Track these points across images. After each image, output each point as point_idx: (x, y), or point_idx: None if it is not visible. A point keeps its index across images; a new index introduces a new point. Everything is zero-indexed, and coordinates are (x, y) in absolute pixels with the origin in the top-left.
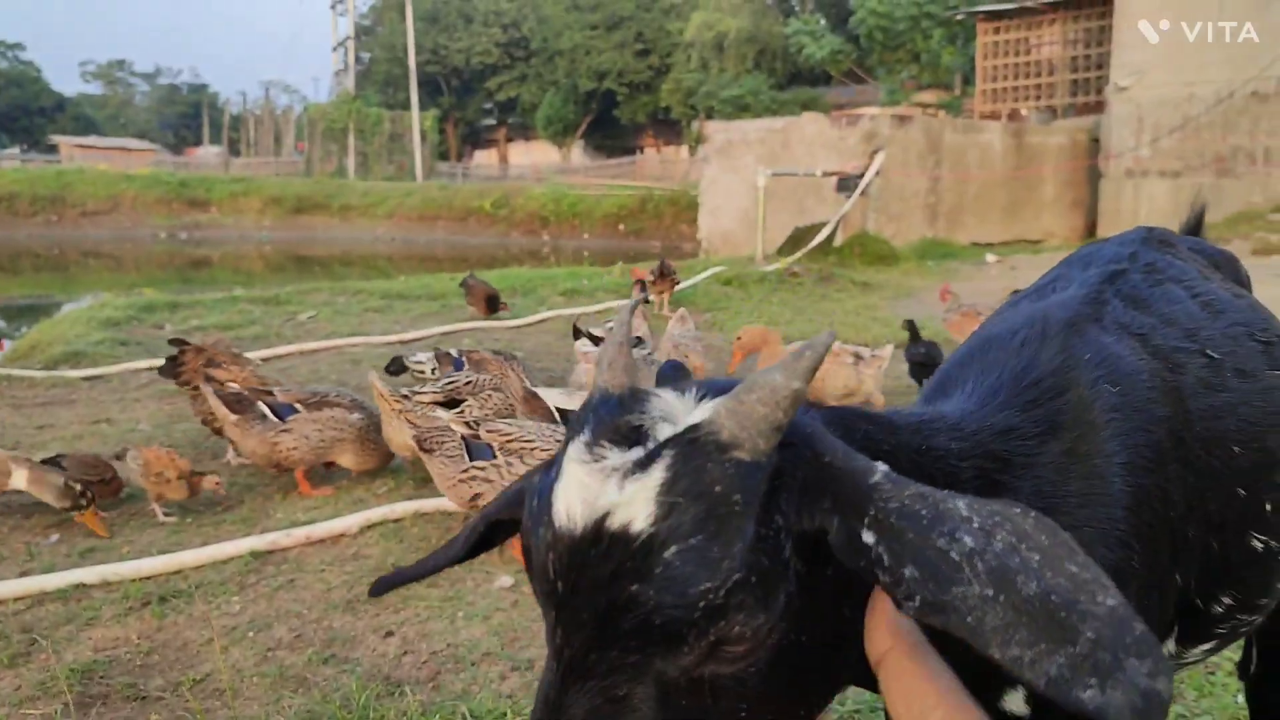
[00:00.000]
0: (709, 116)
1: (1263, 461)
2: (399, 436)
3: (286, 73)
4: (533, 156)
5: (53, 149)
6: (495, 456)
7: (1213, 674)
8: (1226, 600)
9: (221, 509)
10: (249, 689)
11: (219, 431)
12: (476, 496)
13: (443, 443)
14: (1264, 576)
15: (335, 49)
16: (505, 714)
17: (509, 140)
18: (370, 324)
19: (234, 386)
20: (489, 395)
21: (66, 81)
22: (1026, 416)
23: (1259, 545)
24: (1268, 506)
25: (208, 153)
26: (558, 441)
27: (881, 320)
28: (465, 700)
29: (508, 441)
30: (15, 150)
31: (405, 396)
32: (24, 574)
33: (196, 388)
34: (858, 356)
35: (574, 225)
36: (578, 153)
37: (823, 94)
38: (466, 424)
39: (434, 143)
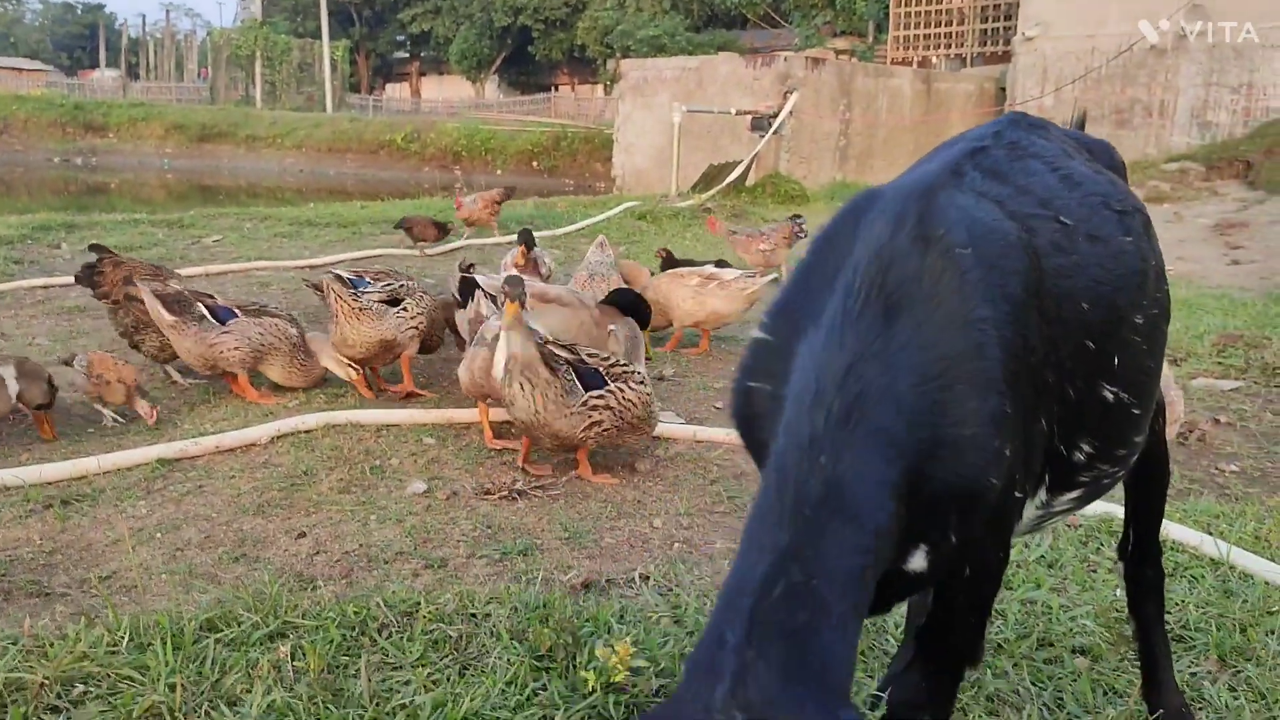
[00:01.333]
0: (625, 56)
1: (1111, 318)
2: (355, 335)
3: None
4: (445, 91)
5: None
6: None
7: (1094, 571)
8: (1086, 448)
9: (127, 420)
10: (157, 586)
11: (137, 346)
12: (593, 425)
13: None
14: (1119, 427)
15: None
16: (419, 604)
17: (421, 74)
18: (279, 249)
19: (173, 288)
20: (421, 297)
21: None
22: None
23: (1110, 396)
24: (1116, 360)
25: (104, 76)
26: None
27: (793, 256)
28: (379, 593)
29: (610, 366)
30: None
31: (356, 294)
32: None
33: (116, 301)
34: (711, 279)
35: (487, 161)
36: (491, 89)
37: (738, 37)
38: (558, 346)
39: (344, 74)
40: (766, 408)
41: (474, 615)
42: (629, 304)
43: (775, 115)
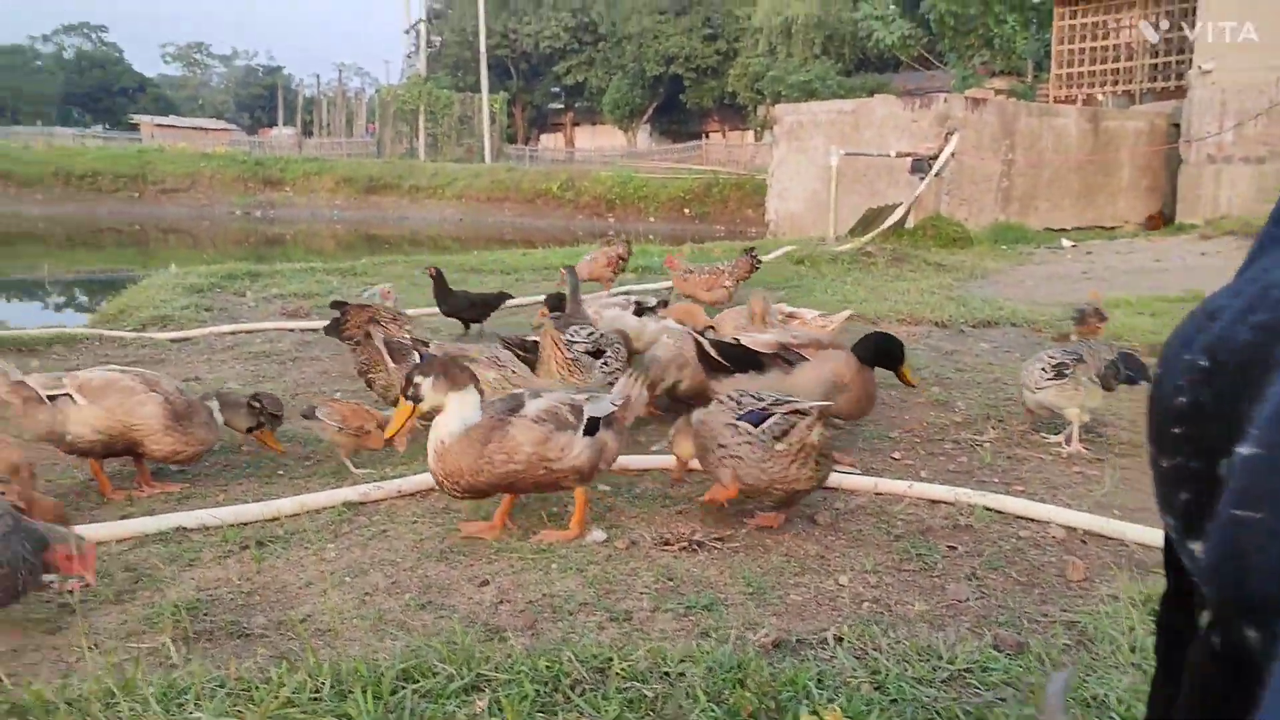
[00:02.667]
0: (776, 102)
1: None
2: (547, 379)
3: (359, 56)
4: (598, 140)
5: (134, 128)
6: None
7: None
8: None
9: (311, 463)
10: (350, 630)
11: (370, 383)
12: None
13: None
14: None
15: (407, 32)
16: (611, 659)
17: (575, 124)
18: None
19: (402, 338)
20: (620, 349)
21: (147, 63)
22: None
23: None
24: None
25: (282, 134)
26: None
27: (957, 299)
28: (568, 647)
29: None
30: (98, 129)
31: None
32: (124, 518)
33: (358, 341)
34: (792, 317)
35: (639, 208)
36: (643, 137)
37: (890, 80)
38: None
39: (502, 125)
40: None
41: (667, 674)
42: (879, 349)
43: (936, 157)
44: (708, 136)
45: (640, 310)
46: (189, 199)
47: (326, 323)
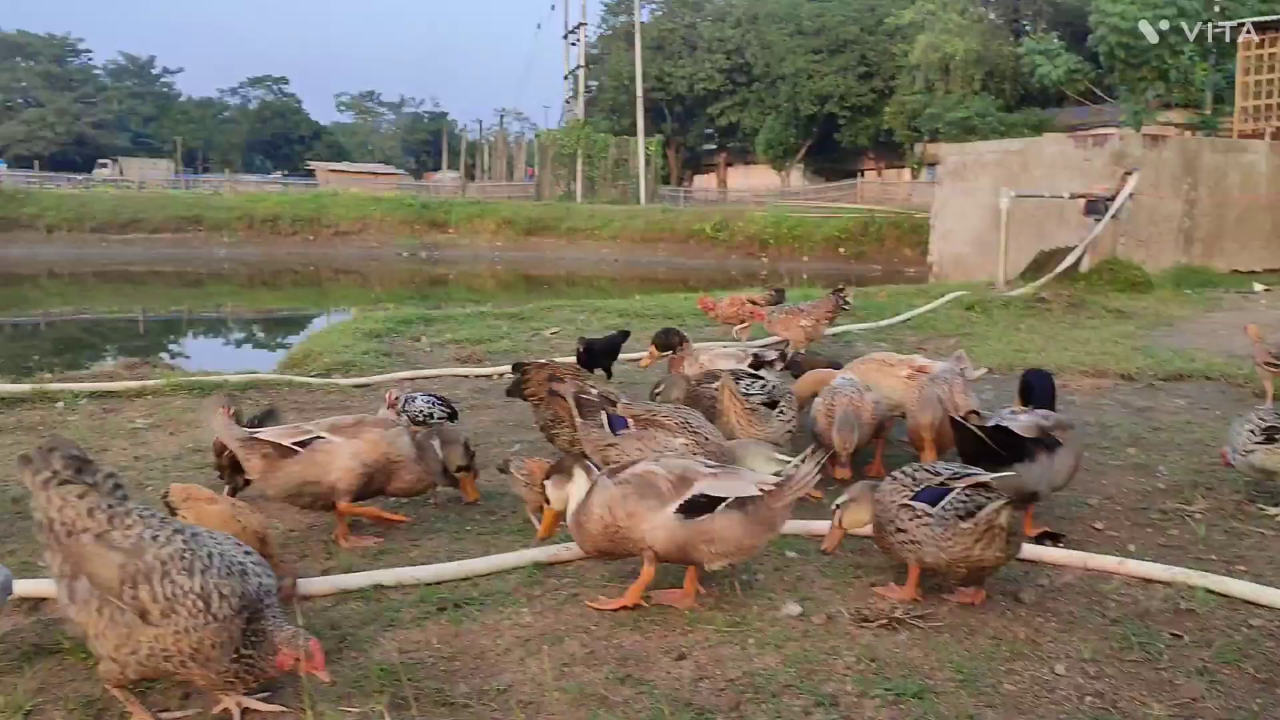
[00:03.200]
0: (933, 139)
1: None
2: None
3: (519, 101)
4: (752, 180)
5: (310, 173)
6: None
7: None
8: None
9: (497, 519)
10: (551, 704)
11: (553, 439)
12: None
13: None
14: None
15: (566, 78)
16: None
17: (729, 164)
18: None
19: (589, 392)
20: (792, 399)
21: (323, 112)
22: None
23: None
24: None
25: (445, 177)
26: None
27: (1143, 350)
28: None
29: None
30: (278, 175)
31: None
32: (325, 572)
33: (540, 398)
34: (922, 370)
35: (794, 248)
36: (797, 176)
37: (1054, 115)
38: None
39: (657, 167)
40: None
41: None
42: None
43: (1112, 198)
44: (862, 174)
45: (758, 364)
46: (360, 241)
47: (502, 368)
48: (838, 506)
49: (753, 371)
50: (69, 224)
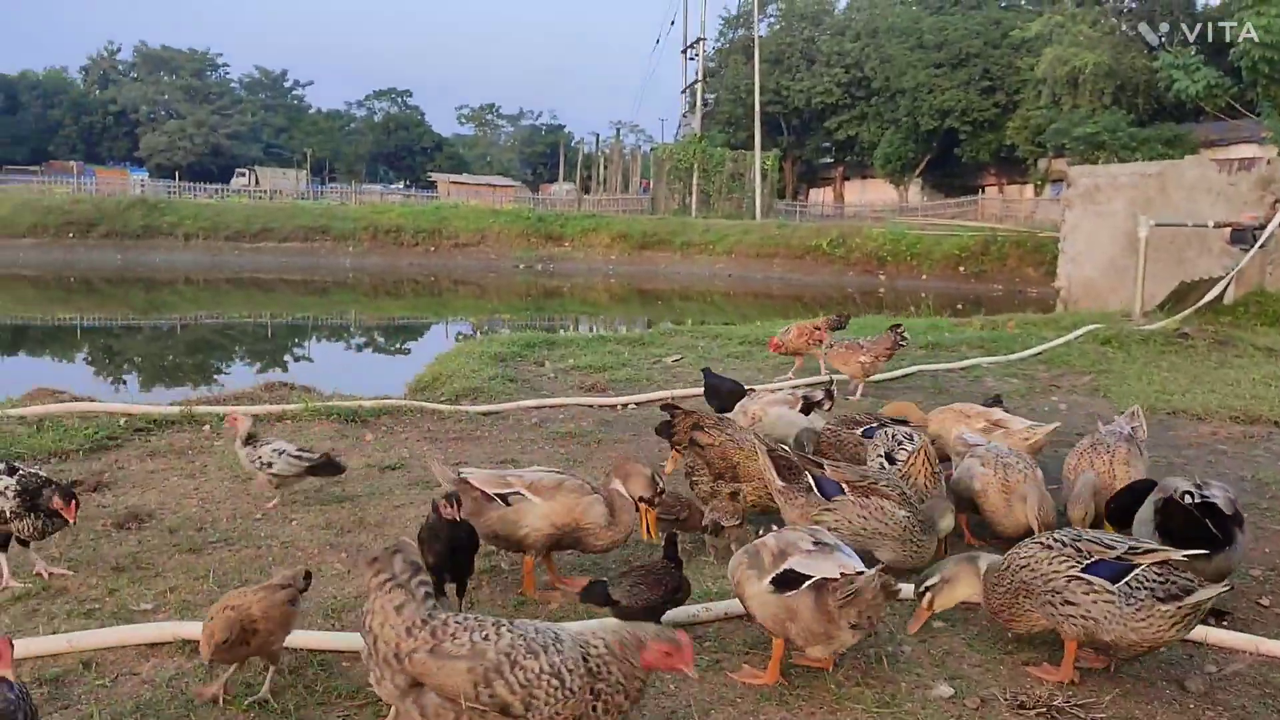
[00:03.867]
0: (1059, 155)
1: None
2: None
3: (636, 115)
4: (869, 195)
5: (431, 185)
6: None
7: None
8: None
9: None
10: None
11: (693, 485)
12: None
13: None
14: None
15: (683, 92)
16: None
17: (845, 178)
18: (732, 370)
19: (783, 450)
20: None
21: (444, 124)
22: None
23: None
24: None
25: (560, 189)
26: None
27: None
28: None
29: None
30: (400, 186)
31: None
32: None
33: (684, 445)
34: (998, 425)
35: (912, 266)
36: (915, 191)
37: (1189, 130)
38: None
39: (773, 182)
40: None
41: None
42: None
43: (1262, 226)
44: (983, 191)
45: (808, 406)
46: (478, 253)
47: (624, 398)
48: (927, 589)
49: (896, 423)
50: (205, 232)
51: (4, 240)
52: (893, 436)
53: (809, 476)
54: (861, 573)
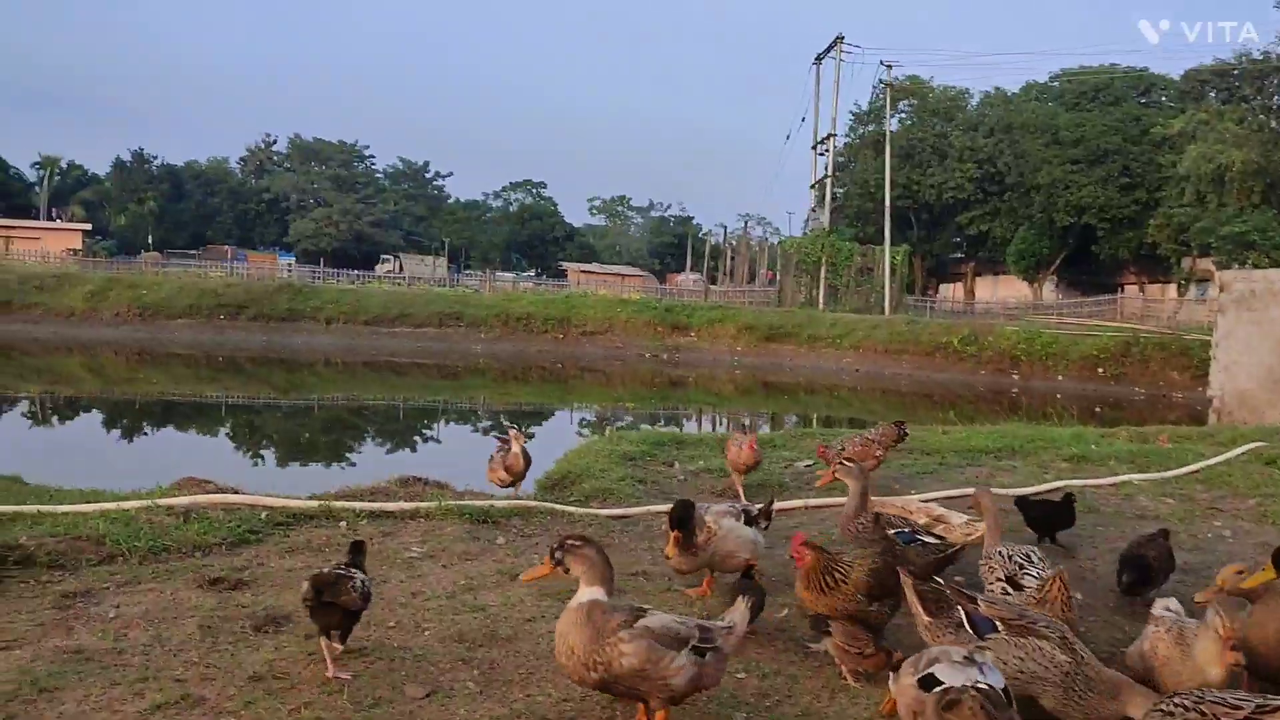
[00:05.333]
0: (1204, 254)
1: None
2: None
3: (763, 207)
4: (1000, 291)
5: (562, 273)
6: None
7: None
8: None
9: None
10: None
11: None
12: None
13: None
14: None
15: (812, 186)
16: None
17: (977, 274)
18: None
19: (938, 583)
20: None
21: (576, 214)
22: None
23: None
24: None
25: (686, 278)
26: None
27: None
28: None
29: None
30: (531, 273)
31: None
32: None
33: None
34: (939, 520)
35: (1047, 366)
36: (1049, 289)
37: None
38: None
39: (903, 277)
40: None
41: None
42: None
43: None
44: (1123, 290)
45: (750, 520)
46: (605, 341)
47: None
48: None
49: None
50: (345, 316)
51: (162, 321)
52: (1011, 558)
53: (960, 611)
54: (974, 687)
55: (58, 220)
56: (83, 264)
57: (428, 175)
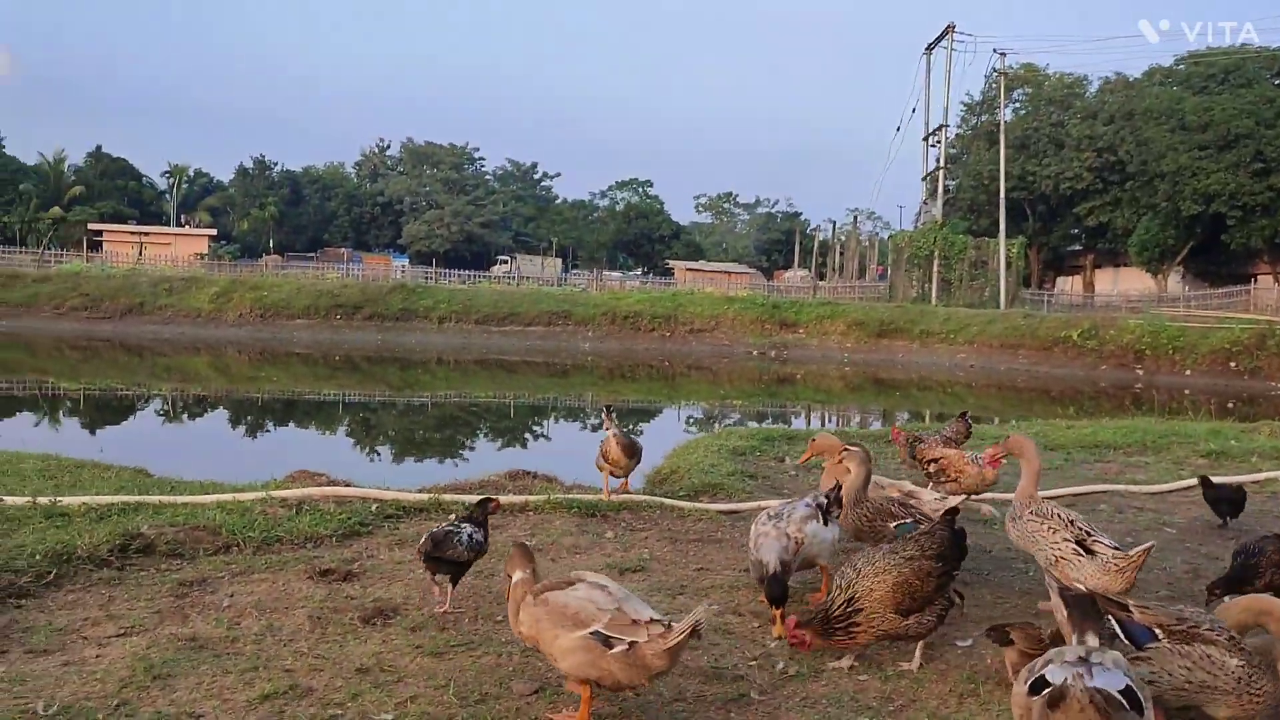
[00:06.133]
0: None
1: None
2: None
3: (872, 201)
4: (1121, 284)
5: (668, 271)
6: None
7: None
8: None
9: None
10: None
11: None
12: None
13: None
14: None
15: (923, 179)
16: None
17: (1096, 266)
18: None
19: (1078, 587)
20: None
21: (682, 211)
22: None
23: None
24: None
25: (794, 275)
26: None
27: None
28: None
29: None
30: (638, 272)
31: None
32: None
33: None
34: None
35: (1174, 360)
36: (1174, 280)
37: None
38: None
39: (1019, 270)
40: None
41: None
42: None
43: None
44: (1255, 280)
45: (825, 513)
46: (712, 339)
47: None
48: None
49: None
50: (457, 316)
51: (282, 321)
52: (1072, 521)
53: (1113, 621)
54: (1081, 688)
55: (186, 226)
56: (208, 267)
57: (536, 176)
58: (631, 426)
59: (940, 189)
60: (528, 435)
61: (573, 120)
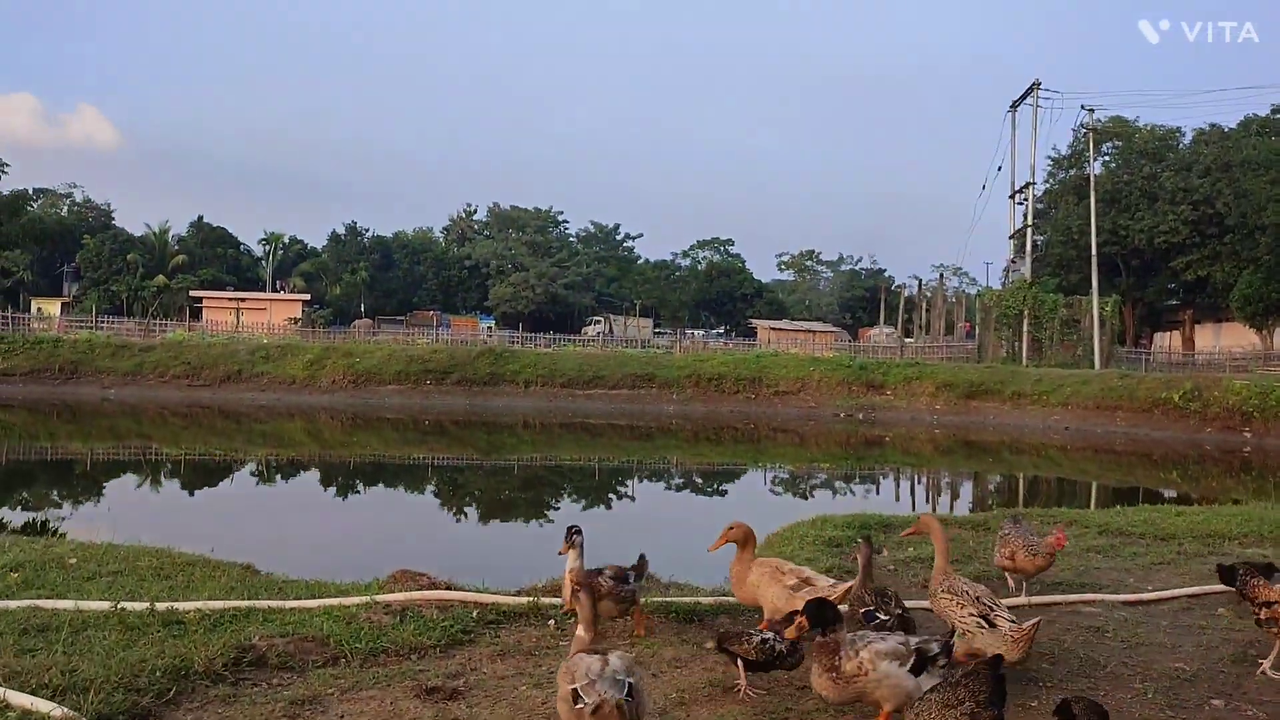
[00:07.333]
0: None
1: None
2: None
3: (959, 258)
4: (1224, 340)
5: (751, 331)
6: None
7: None
8: None
9: None
10: None
11: None
12: None
13: None
14: None
15: (1011, 237)
16: None
17: (1196, 322)
18: (1092, 569)
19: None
20: None
21: (764, 269)
22: None
23: None
24: None
25: (880, 332)
26: None
27: None
28: None
29: None
30: (720, 330)
31: None
32: None
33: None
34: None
35: None
36: None
37: None
38: None
39: (1113, 328)
40: None
41: None
42: None
43: None
44: None
45: (921, 664)
46: (797, 401)
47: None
48: None
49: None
50: (542, 379)
51: (374, 386)
52: (978, 598)
53: None
54: None
55: (281, 291)
56: (302, 333)
57: (618, 237)
58: (717, 488)
59: (1028, 246)
60: (613, 496)
61: (655, 181)
